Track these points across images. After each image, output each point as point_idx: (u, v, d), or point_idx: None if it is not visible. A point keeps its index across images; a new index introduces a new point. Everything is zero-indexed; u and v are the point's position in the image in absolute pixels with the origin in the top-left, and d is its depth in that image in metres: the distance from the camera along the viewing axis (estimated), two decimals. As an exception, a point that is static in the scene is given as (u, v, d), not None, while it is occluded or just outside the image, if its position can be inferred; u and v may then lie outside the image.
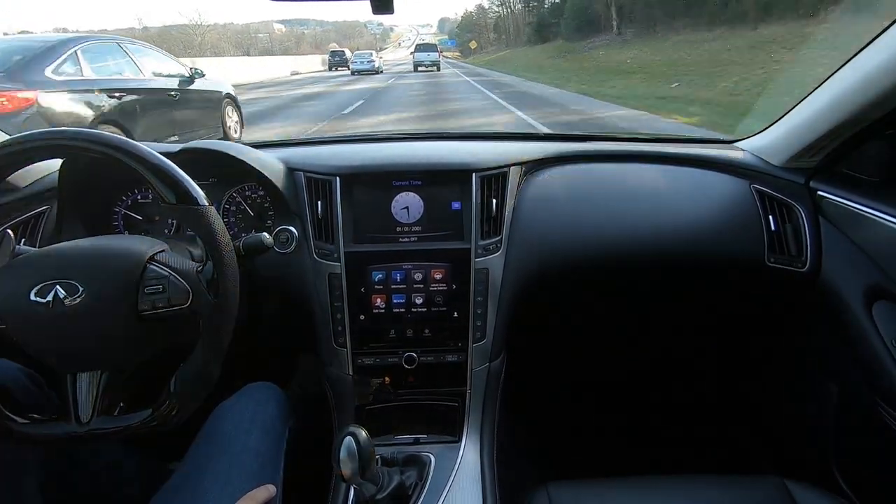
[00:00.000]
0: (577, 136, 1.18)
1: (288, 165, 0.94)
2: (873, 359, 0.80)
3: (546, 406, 1.38)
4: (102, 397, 0.66)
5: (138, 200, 0.99)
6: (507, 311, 0.90)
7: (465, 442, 0.82)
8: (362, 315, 0.88)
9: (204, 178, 0.95)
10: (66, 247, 0.67)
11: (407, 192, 0.92)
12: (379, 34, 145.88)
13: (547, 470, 0.93)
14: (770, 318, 1.16)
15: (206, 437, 0.77)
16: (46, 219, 0.92)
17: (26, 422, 0.65)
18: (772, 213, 0.94)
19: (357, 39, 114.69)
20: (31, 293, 0.61)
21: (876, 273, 0.81)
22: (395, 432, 0.84)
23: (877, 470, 0.88)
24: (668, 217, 0.96)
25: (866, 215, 0.81)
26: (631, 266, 0.98)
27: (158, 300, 0.64)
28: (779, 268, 0.92)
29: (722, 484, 0.75)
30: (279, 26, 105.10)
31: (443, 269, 0.88)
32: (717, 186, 1.00)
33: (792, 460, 1.13)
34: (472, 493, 0.75)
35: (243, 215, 0.99)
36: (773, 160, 0.99)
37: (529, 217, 0.93)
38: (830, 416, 0.96)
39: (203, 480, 0.70)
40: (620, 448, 1.27)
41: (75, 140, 0.63)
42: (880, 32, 0.72)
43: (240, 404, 0.81)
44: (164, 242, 0.71)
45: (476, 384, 0.88)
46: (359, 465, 0.58)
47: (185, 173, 0.65)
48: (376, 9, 0.52)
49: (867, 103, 0.75)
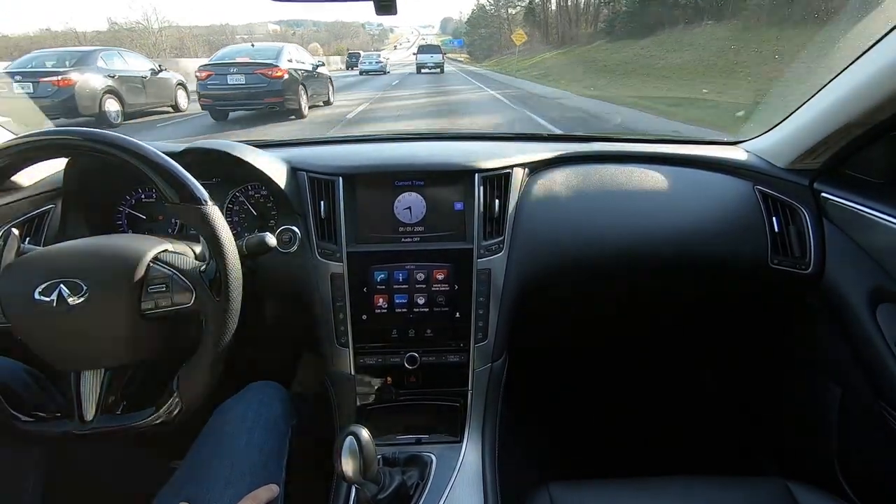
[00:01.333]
0: (579, 137, 1.18)
1: (291, 165, 0.95)
2: (876, 361, 0.79)
3: (547, 406, 1.38)
4: (106, 396, 0.67)
5: (142, 200, 0.99)
6: (509, 312, 0.90)
7: (467, 442, 0.82)
8: (364, 315, 0.88)
9: (207, 178, 0.95)
10: (71, 246, 0.67)
11: (409, 192, 0.92)
12: (376, 34, 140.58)
13: (548, 470, 0.93)
14: (773, 320, 1.15)
15: (209, 435, 0.77)
16: (51, 218, 0.92)
17: (30, 420, 0.65)
18: (775, 215, 0.94)
19: (348, 40, 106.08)
20: (36, 292, 0.61)
21: (880, 275, 0.80)
22: (396, 432, 0.84)
23: (880, 472, 0.88)
24: (672, 218, 0.96)
25: (870, 217, 0.80)
26: (633, 267, 0.98)
27: (161, 299, 0.65)
28: (782, 269, 0.92)
29: (724, 485, 0.75)
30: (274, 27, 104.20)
31: (445, 270, 0.88)
32: (720, 188, 1.00)
33: (794, 462, 1.12)
34: (474, 493, 0.75)
35: (246, 215, 0.99)
36: (777, 162, 0.99)
37: (532, 218, 0.93)
38: (833, 417, 0.96)
39: (205, 479, 0.70)
40: (622, 449, 1.27)
41: (80, 140, 0.63)
42: (885, 34, 0.72)
43: (243, 403, 0.81)
44: (167, 242, 0.71)
45: (478, 384, 0.88)
46: (360, 464, 0.58)
47: (188, 173, 0.66)
48: (379, 10, 0.52)
49: (871, 105, 0.75)
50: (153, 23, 37.72)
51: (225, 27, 53.45)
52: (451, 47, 76.31)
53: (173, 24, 45.16)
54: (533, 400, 1.33)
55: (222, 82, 7.19)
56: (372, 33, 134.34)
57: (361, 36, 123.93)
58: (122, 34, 33.77)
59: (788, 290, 0.98)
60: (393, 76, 15.65)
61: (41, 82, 6.77)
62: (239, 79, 7.16)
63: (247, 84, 7.16)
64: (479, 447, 0.83)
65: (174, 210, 0.65)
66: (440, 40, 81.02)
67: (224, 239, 0.65)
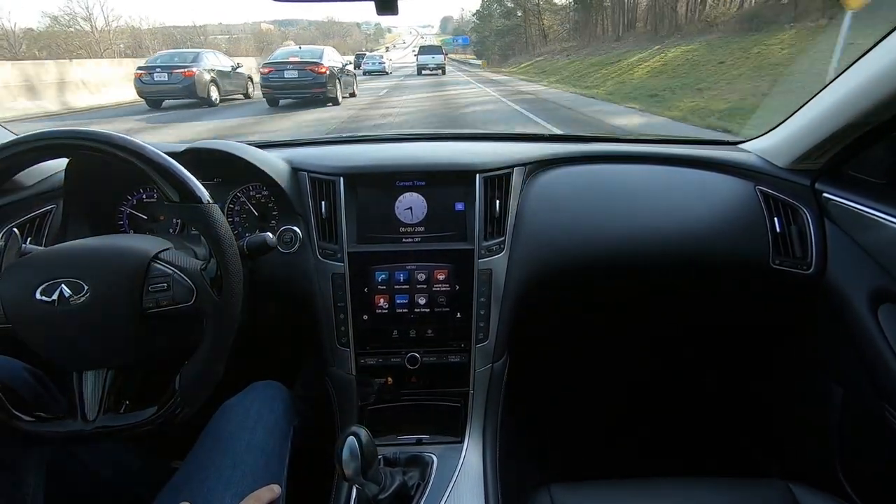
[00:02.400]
0: (580, 137, 1.18)
1: (292, 165, 0.95)
2: (878, 362, 0.79)
3: (549, 407, 1.38)
4: (108, 395, 0.67)
5: (143, 200, 0.99)
6: (510, 312, 0.90)
7: (468, 443, 0.82)
8: (365, 315, 0.88)
9: (209, 178, 0.95)
10: (72, 246, 0.67)
11: (410, 192, 0.92)
12: (371, 34, 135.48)
13: (549, 471, 0.93)
14: (774, 321, 1.15)
15: (210, 435, 0.77)
16: (52, 218, 0.92)
17: (32, 420, 0.65)
18: (777, 215, 0.94)
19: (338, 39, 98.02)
20: (37, 292, 0.61)
21: (882, 276, 0.80)
22: (397, 432, 0.84)
23: (882, 473, 0.88)
24: (673, 218, 0.95)
25: (872, 217, 0.80)
26: (635, 267, 0.98)
27: (163, 298, 0.65)
28: (783, 270, 0.92)
29: (725, 487, 0.75)
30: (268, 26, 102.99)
31: (446, 270, 0.88)
32: (721, 188, 1.00)
33: (796, 462, 1.12)
34: (475, 493, 0.74)
35: (247, 215, 0.99)
36: (779, 162, 0.99)
37: (533, 218, 0.93)
38: (835, 419, 0.95)
39: (207, 479, 0.70)
40: (623, 450, 1.27)
41: (81, 140, 0.63)
42: (886, 34, 0.71)
43: (245, 402, 0.81)
44: (168, 241, 0.72)
45: (479, 385, 0.88)
46: (361, 465, 0.58)
47: (189, 173, 0.66)
48: (381, 10, 0.52)
49: (873, 105, 0.75)
50: (99, 20, 32.68)
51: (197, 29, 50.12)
52: (454, 46, 63.57)
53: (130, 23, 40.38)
54: (534, 400, 1.33)
55: (280, 76, 9.71)
56: (367, 32, 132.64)
57: (355, 35, 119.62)
58: (59, 34, 28.82)
59: (790, 291, 0.98)
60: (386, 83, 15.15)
61: (174, 73, 9.93)
62: (293, 73, 9.63)
63: (299, 77, 9.59)
64: (480, 448, 0.83)
65: (175, 209, 0.65)
66: (440, 40, 73.63)
67: (225, 238, 0.65)
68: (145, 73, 9.97)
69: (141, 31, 38.64)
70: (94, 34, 29.73)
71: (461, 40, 61.60)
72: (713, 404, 1.38)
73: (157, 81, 9.91)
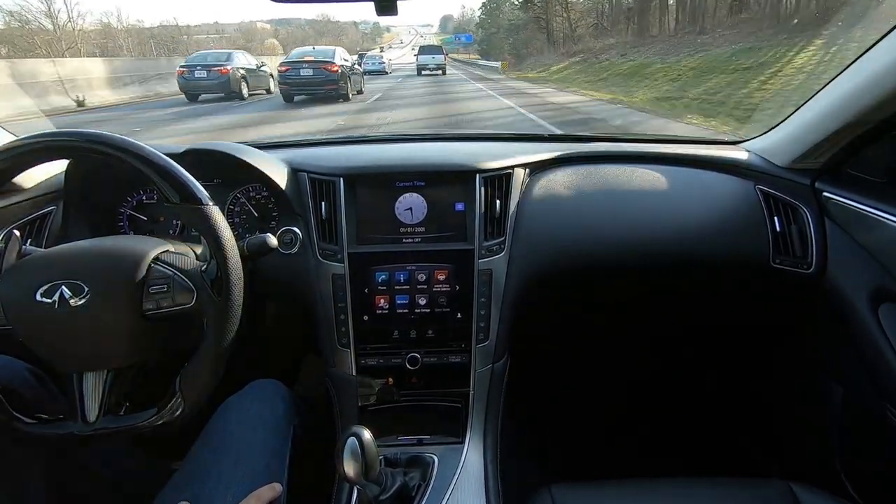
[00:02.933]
0: (581, 137, 1.18)
1: (292, 166, 0.95)
2: (879, 361, 0.79)
3: (549, 408, 1.38)
4: (108, 397, 0.67)
5: (143, 201, 0.99)
6: (510, 312, 0.90)
7: (469, 443, 0.82)
8: (366, 316, 0.88)
9: (208, 180, 0.95)
10: (72, 247, 0.67)
11: (410, 192, 0.92)
12: (369, 32, 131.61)
13: (550, 472, 0.93)
14: (774, 320, 1.15)
15: (211, 434, 0.77)
16: (52, 219, 0.92)
17: (33, 422, 0.65)
18: (777, 214, 0.94)
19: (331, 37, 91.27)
20: (37, 293, 0.61)
21: (882, 274, 0.80)
22: (398, 433, 0.84)
23: (883, 473, 0.88)
24: (673, 218, 0.95)
25: (872, 216, 0.80)
26: (635, 267, 0.98)
27: (163, 299, 0.65)
28: (784, 269, 0.92)
29: (726, 487, 0.75)
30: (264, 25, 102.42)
31: (446, 270, 0.88)
32: (721, 187, 1.00)
33: (796, 462, 1.12)
34: (475, 494, 0.75)
35: (247, 216, 0.99)
36: (778, 161, 0.99)
37: (533, 218, 0.93)
38: (835, 418, 0.95)
39: (207, 478, 0.70)
40: (624, 450, 1.27)
41: (81, 141, 0.64)
42: (886, 33, 0.71)
43: (245, 401, 0.81)
44: (168, 242, 0.72)
45: (479, 385, 0.88)
46: (362, 465, 0.58)
47: (189, 174, 0.66)
48: (380, 10, 0.52)
49: (873, 104, 0.75)
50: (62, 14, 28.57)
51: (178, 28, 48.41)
52: (456, 46, 58.18)
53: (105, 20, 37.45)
54: (534, 401, 1.33)
55: (297, 74, 10.48)
56: (365, 31, 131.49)
57: (351, 34, 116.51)
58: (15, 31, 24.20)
59: (790, 290, 0.98)
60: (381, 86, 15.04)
61: (212, 70, 11.35)
62: (308, 71, 10.44)
63: (313, 75, 10.41)
64: (480, 448, 0.83)
65: (175, 210, 0.65)
66: (440, 39, 72.72)
67: (225, 239, 0.65)
68: (186, 71, 11.47)
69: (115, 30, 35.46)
70: (55, 31, 26.18)
71: (463, 38, 56.66)
72: (713, 404, 1.38)
73: (198, 78, 11.39)
